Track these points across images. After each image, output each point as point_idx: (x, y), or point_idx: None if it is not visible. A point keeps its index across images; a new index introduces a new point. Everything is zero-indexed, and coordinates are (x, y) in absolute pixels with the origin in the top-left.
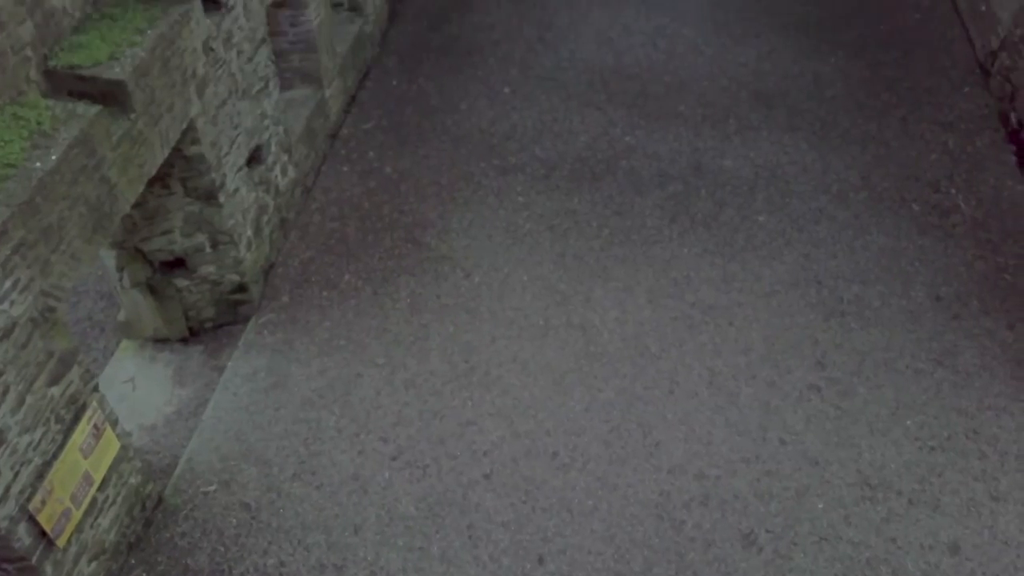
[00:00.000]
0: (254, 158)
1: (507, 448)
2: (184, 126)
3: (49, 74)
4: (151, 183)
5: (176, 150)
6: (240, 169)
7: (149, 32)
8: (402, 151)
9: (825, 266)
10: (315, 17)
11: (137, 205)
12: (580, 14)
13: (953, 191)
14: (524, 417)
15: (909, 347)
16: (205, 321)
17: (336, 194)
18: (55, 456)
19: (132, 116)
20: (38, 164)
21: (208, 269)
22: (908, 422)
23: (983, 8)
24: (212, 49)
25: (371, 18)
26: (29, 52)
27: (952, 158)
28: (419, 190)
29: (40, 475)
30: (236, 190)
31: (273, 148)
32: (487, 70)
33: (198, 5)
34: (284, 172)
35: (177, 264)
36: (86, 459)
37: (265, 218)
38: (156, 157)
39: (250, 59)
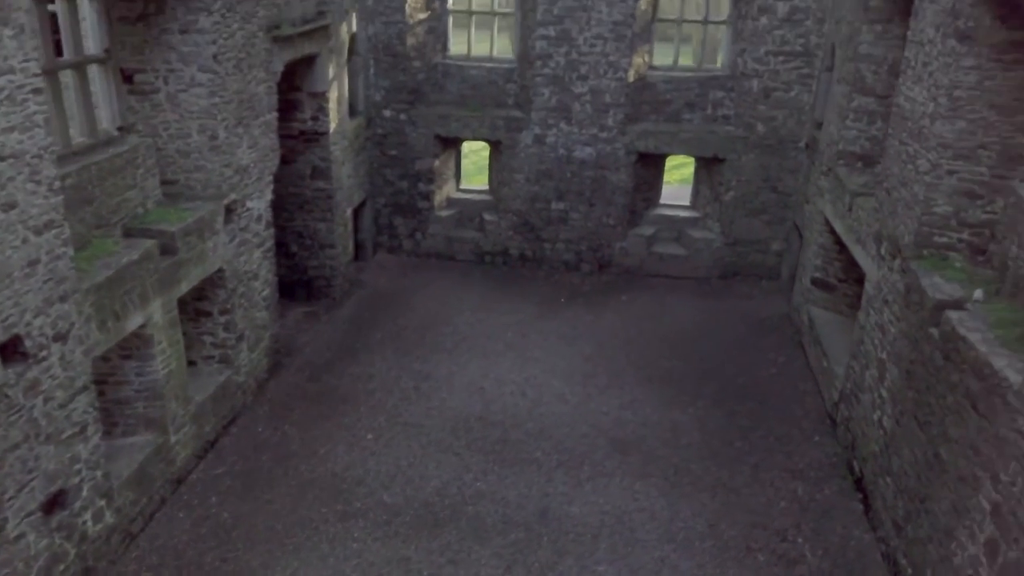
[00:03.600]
0: (55, 503)
1: None
2: None
3: None
4: None
5: None
6: (31, 514)
7: None
8: (246, 496)
9: None
10: (162, 368)
11: None
12: (459, 365)
13: (800, 540)
14: None
15: None
16: None
17: (163, 541)
18: None
19: None
20: None
21: None
22: None
23: (825, 364)
24: (7, 396)
25: (243, 370)
26: None
27: (801, 506)
28: (251, 537)
29: None
30: (20, 536)
31: (84, 493)
32: (355, 417)
33: None
34: (98, 519)
35: None
36: None
37: (61, 567)
38: None
39: (63, 405)
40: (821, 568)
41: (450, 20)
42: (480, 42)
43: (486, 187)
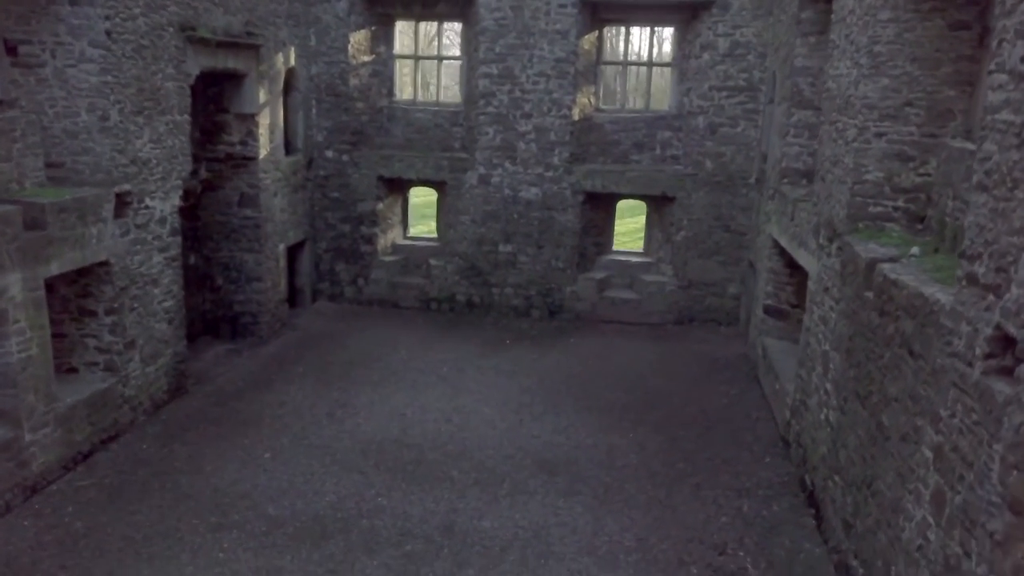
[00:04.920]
0: None
1: None
2: None
3: None
4: None
5: None
6: None
7: None
8: (108, 507)
9: None
10: (18, 352)
11: None
12: (381, 396)
13: (741, 554)
14: None
15: None
16: None
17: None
18: None
19: None
20: None
21: None
22: None
23: (777, 386)
24: None
25: (132, 382)
26: None
27: (745, 522)
28: (101, 546)
29: None
30: None
31: None
32: (255, 439)
33: None
34: None
35: None
36: None
37: None
38: None
39: None
40: None
41: (396, 65)
42: (428, 85)
43: (434, 235)
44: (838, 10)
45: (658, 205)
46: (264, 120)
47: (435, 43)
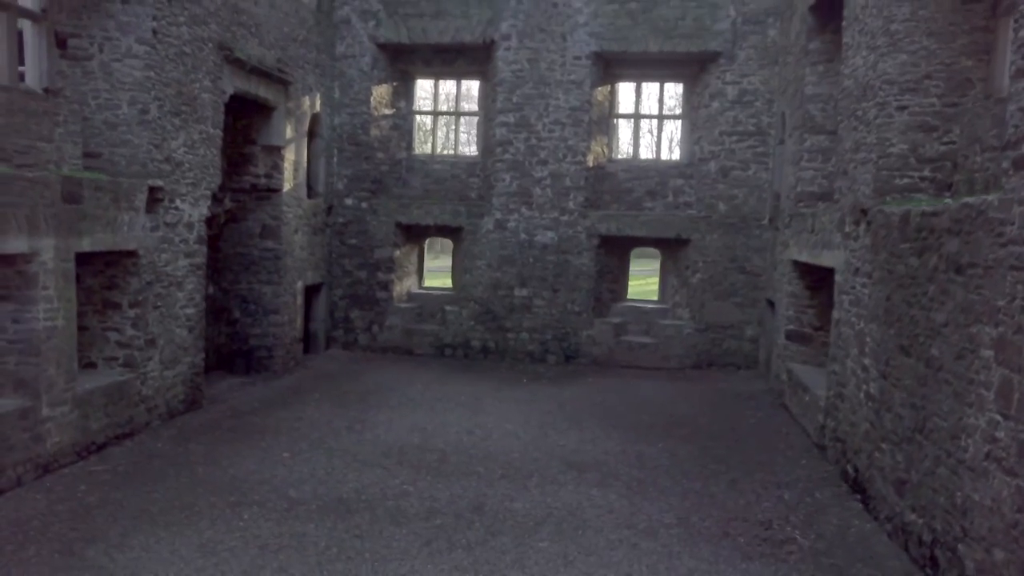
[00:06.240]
0: None
1: None
2: None
3: None
4: None
5: None
6: None
7: None
8: (122, 486)
9: None
10: (45, 319)
11: None
12: (400, 415)
13: (788, 528)
14: None
15: None
16: None
17: (4, 514)
18: None
19: None
20: None
21: None
22: None
23: (807, 398)
24: None
25: (151, 382)
26: None
27: (788, 506)
28: (115, 514)
29: None
30: None
31: None
32: (272, 443)
33: None
34: None
35: None
36: None
37: None
38: None
39: None
40: (816, 548)
41: (416, 120)
42: (447, 137)
43: (448, 285)
44: (850, 10)
45: (672, 250)
46: (290, 155)
47: (453, 97)
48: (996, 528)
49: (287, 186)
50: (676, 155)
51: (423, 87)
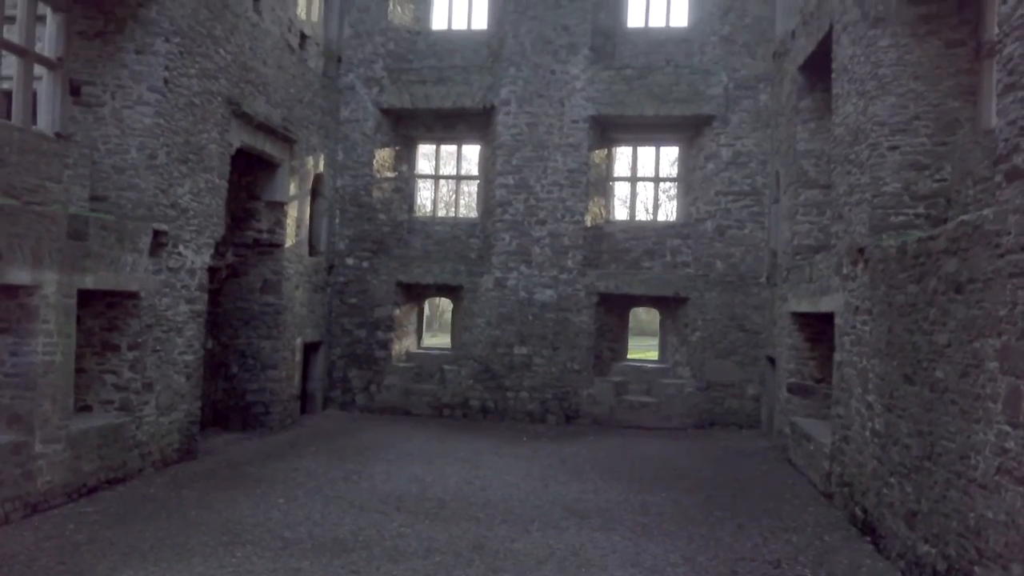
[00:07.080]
0: None
1: None
2: None
3: None
4: None
5: None
6: None
7: None
8: (112, 526)
9: None
10: (43, 354)
11: None
12: (398, 467)
13: (799, 567)
14: None
15: None
16: None
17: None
18: None
19: None
20: None
21: None
22: None
23: (812, 447)
24: None
25: (146, 428)
26: None
27: (797, 548)
28: (104, 551)
29: None
30: None
31: None
32: (269, 490)
33: None
34: None
35: None
36: None
37: None
38: None
39: None
40: None
41: (417, 184)
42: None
43: (447, 345)
44: (838, 62)
45: (671, 308)
46: (292, 212)
47: (454, 162)
48: (1012, 542)
49: (289, 242)
50: (673, 215)
51: (424, 150)
